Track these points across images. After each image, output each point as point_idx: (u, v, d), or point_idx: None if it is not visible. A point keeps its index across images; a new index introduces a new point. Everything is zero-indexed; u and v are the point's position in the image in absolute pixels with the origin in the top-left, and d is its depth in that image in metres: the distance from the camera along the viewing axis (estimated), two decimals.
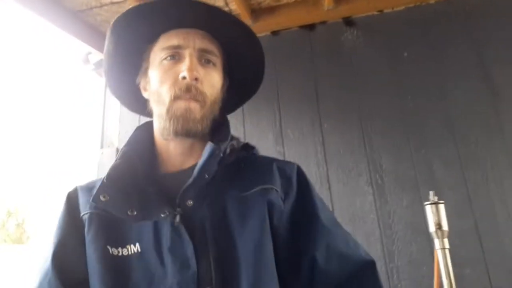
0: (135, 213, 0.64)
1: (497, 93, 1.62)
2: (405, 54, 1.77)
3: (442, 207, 1.19)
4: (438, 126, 1.65)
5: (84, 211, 0.70)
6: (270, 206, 0.67)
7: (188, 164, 0.72)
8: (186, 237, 0.62)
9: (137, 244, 0.65)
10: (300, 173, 0.75)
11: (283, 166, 0.74)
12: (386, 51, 1.79)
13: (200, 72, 0.68)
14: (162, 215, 0.63)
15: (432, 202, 1.20)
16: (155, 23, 0.71)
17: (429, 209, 1.20)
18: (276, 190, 0.69)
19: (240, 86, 0.82)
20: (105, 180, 0.64)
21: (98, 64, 2.26)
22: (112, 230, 0.67)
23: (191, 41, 0.70)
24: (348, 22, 1.86)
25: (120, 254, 0.65)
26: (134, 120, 2.03)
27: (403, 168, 1.63)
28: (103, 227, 0.67)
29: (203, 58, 0.71)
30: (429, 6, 1.81)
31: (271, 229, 0.66)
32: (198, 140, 0.72)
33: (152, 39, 0.73)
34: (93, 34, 2.00)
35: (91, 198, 0.64)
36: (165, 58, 0.70)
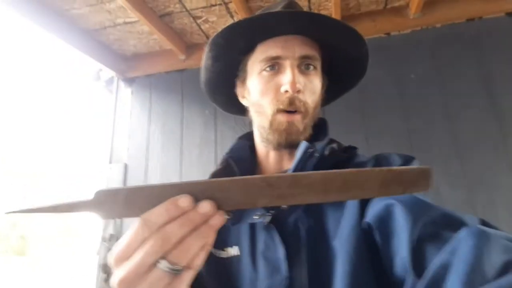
0: (231, 215, 0.65)
1: (503, 117, 1.63)
2: (412, 76, 1.79)
3: None
4: (444, 148, 1.65)
5: None
6: (364, 205, 0.60)
7: (284, 168, 0.73)
8: (277, 240, 0.61)
9: (236, 247, 0.66)
10: (408, 159, 0.67)
11: (385, 155, 0.68)
12: (392, 73, 1.81)
13: (302, 82, 0.67)
14: (254, 217, 0.64)
15: None
16: (250, 36, 0.70)
17: None
18: None
19: (338, 80, 0.80)
20: None
21: (109, 81, 2.30)
22: None
23: (290, 50, 0.67)
24: None
25: (220, 256, 0.66)
26: (143, 136, 2.06)
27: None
28: None
29: (303, 64, 0.69)
30: (435, 29, 1.83)
31: (364, 233, 0.59)
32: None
33: (249, 50, 0.72)
34: (105, 52, 2.04)
35: None
36: (265, 69, 0.69)
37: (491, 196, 1.55)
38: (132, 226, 0.36)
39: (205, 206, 0.36)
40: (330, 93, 0.79)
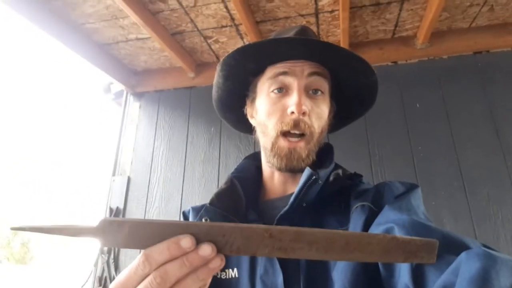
0: None
1: (508, 151, 1.62)
2: (417, 105, 1.79)
3: None
4: (449, 179, 1.64)
5: None
6: (367, 225, 0.59)
7: (289, 191, 0.72)
8: (277, 266, 0.61)
9: (235, 269, 0.66)
10: (411, 186, 0.65)
11: (387, 183, 0.67)
12: (398, 101, 1.82)
13: (308, 105, 0.67)
14: None
15: None
16: (262, 59, 0.71)
17: None
18: (369, 206, 0.62)
19: (347, 108, 0.80)
20: (208, 205, 0.68)
21: (118, 94, 2.34)
22: None
23: (299, 69, 0.68)
24: None
25: (219, 276, 0.66)
26: (148, 150, 2.07)
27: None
28: None
29: (311, 88, 0.69)
30: (442, 60, 1.85)
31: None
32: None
33: (259, 72, 0.74)
34: (116, 66, 2.09)
35: (196, 220, 0.69)
36: (273, 91, 0.69)
37: (496, 231, 1.52)
38: (135, 260, 0.37)
39: (206, 250, 0.36)
40: (338, 121, 0.79)
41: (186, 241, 0.35)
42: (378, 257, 0.37)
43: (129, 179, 2.04)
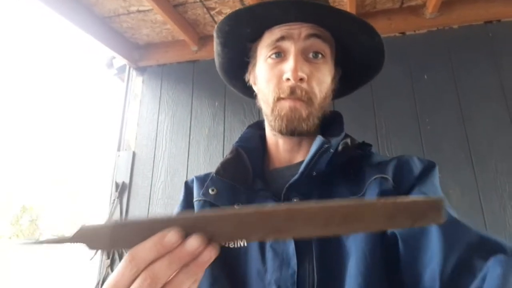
0: (240, 205, 0.65)
1: None
2: (425, 76, 1.76)
3: None
4: (456, 151, 1.62)
5: (197, 197, 0.73)
6: (383, 196, 0.59)
7: (296, 160, 0.71)
8: None
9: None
10: (429, 165, 0.64)
11: (406, 158, 0.65)
12: (406, 73, 1.78)
13: (306, 70, 0.64)
14: None
15: None
16: (256, 23, 0.69)
17: None
18: (386, 178, 0.61)
19: (354, 73, 0.77)
20: (214, 175, 0.68)
21: (121, 69, 2.31)
22: None
23: (296, 31, 0.65)
24: None
25: (227, 245, 0.65)
26: (152, 125, 2.07)
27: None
28: None
29: (311, 51, 0.65)
30: (452, 30, 1.80)
31: (382, 238, 0.57)
32: (308, 136, 0.69)
33: (256, 37, 0.71)
34: (118, 40, 2.05)
35: (201, 191, 0.68)
36: (270, 56, 0.67)
37: (502, 203, 1.52)
38: (122, 260, 0.35)
39: (193, 243, 0.34)
40: (344, 86, 0.76)
41: (171, 236, 0.34)
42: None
43: (134, 154, 2.04)
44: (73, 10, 1.75)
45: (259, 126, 0.80)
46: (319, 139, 0.63)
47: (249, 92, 0.82)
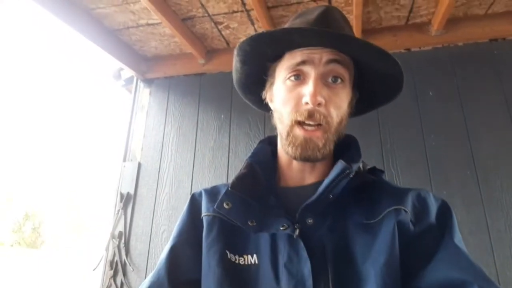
0: (254, 223, 0.64)
1: None
2: (430, 93, 1.76)
3: None
4: (461, 168, 1.62)
5: (206, 212, 0.72)
6: (400, 228, 0.60)
7: (309, 180, 0.71)
8: (304, 254, 0.60)
9: (255, 256, 0.64)
10: (445, 206, 0.66)
11: (423, 194, 0.67)
12: (411, 89, 1.79)
13: (325, 94, 0.64)
14: (281, 228, 0.62)
15: None
16: (279, 46, 0.69)
17: None
18: (405, 211, 0.62)
19: (371, 95, 0.78)
20: (229, 188, 0.66)
21: (128, 81, 2.34)
22: (231, 236, 0.67)
23: (317, 56, 0.65)
24: None
25: (237, 262, 0.65)
26: (159, 136, 2.08)
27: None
28: (224, 231, 0.68)
29: (330, 76, 0.65)
30: (457, 47, 1.81)
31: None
32: (322, 159, 0.69)
33: (277, 58, 0.71)
34: (126, 52, 2.09)
35: (216, 204, 0.67)
36: (289, 78, 0.67)
37: (508, 221, 1.51)
38: None
39: None
40: (360, 107, 0.76)
41: None
42: None
43: (139, 165, 2.06)
44: (84, 22, 1.78)
45: (270, 141, 0.80)
46: (341, 164, 0.63)
47: (264, 106, 0.83)
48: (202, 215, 0.72)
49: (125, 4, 1.73)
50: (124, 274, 1.85)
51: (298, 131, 0.64)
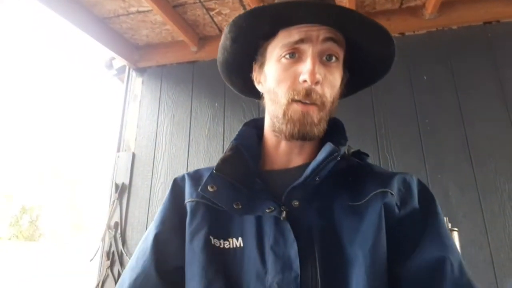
0: (240, 206, 0.63)
1: None
2: (425, 77, 1.76)
3: (456, 235, 1.17)
4: (456, 152, 1.63)
5: (189, 198, 0.70)
6: (387, 210, 0.61)
7: (295, 163, 0.70)
8: (291, 236, 0.59)
9: (240, 239, 0.64)
10: (423, 186, 0.68)
11: (408, 179, 0.68)
12: (405, 73, 1.78)
13: (322, 73, 0.63)
14: (267, 210, 0.62)
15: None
16: (274, 22, 0.66)
17: None
18: (392, 194, 0.63)
19: (359, 75, 0.76)
20: (214, 171, 0.65)
21: (120, 70, 2.31)
22: (215, 221, 0.66)
23: (314, 34, 0.63)
24: None
25: (222, 246, 0.64)
26: (152, 126, 2.07)
27: None
28: (207, 217, 0.67)
29: (325, 54, 0.64)
30: (451, 31, 1.80)
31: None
32: (310, 140, 0.69)
33: (270, 36, 0.69)
34: (117, 41, 2.05)
35: (200, 187, 0.65)
36: (284, 56, 0.65)
37: (502, 204, 1.52)
38: None
39: None
40: (347, 88, 0.75)
41: None
42: None
43: (134, 155, 2.04)
44: (73, 10, 1.75)
45: (255, 124, 0.78)
46: (329, 146, 0.63)
47: (247, 91, 0.81)
48: (185, 201, 0.71)
49: None
50: (121, 264, 1.85)
51: (296, 106, 0.63)
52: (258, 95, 0.77)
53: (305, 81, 0.62)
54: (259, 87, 0.74)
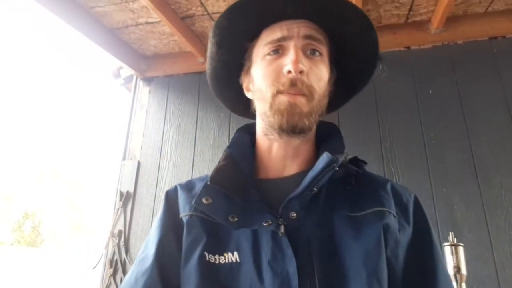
0: (236, 219, 0.60)
1: None
2: (430, 91, 1.76)
3: (461, 249, 1.16)
4: (461, 166, 1.62)
5: (184, 212, 0.67)
6: (387, 231, 0.60)
7: (291, 170, 0.67)
8: (289, 251, 0.57)
9: (235, 253, 0.60)
10: (418, 206, 0.67)
11: (399, 191, 0.67)
12: (411, 87, 1.79)
13: (306, 64, 0.61)
14: (264, 224, 0.59)
15: (451, 244, 1.17)
16: (255, 18, 0.65)
17: (448, 251, 1.17)
18: (394, 216, 0.62)
19: (347, 80, 0.73)
20: (208, 182, 0.62)
21: (128, 79, 2.34)
22: (210, 235, 0.63)
23: (295, 30, 0.63)
24: None
25: (217, 262, 0.61)
26: (158, 135, 2.08)
27: (423, 205, 1.59)
28: (202, 232, 0.64)
29: (308, 49, 0.63)
30: (457, 46, 1.81)
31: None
32: (304, 142, 0.67)
33: (254, 37, 0.68)
34: (125, 51, 2.08)
35: (194, 200, 0.61)
36: (268, 53, 0.64)
37: (508, 218, 1.51)
38: None
39: None
40: (340, 95, 0.73)
41: None
42: None
43: (139, 164, 2.06)
44: (83, 20, 1.78)
45: (248, 130, 0.75)
46: (327, 157, 0.60)
47: (239, 106, 0.79)
48: (180, 215, 0.68)
49: (124, 3, 1.72)
50: (124, 272, 1.85)
51: (282, 97, 0.61)
52: (249, 112, 0.74)
53: (289, 71, 0.60)
54: (249, 95, 0.72)
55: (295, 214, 0.60)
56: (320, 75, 0.64)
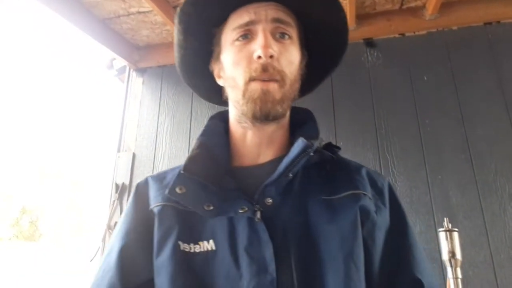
0: (211, 207, 0.59)
1: None
2: (425, 78, 1.76)
3: (456, 235, 1.16)
4: (456, 152, 1.62)
5: (155, 203, 0.66)
6: (363, 213, 0.61)
7: (266, 157, 0.67)
8: (265, 237, 0.57)
9: (211, 241, 0.60)
10: (393, 190, 0.68)
11: (374, 176, 0.68)
12: (405, 74, 1.78)
13: (276, 48, 0.61)
14: (240, 211, 0.59)
15: (446, 229, 1.17)
16: (222, 2, 0.64)
17: (443, 236, 1.17)
18: (370, 198, 0.63)
19: (319, 62, 0.73)
20: (182, 171, 0.60)
21: (121, 70, 2.32)
22: (184, 224, 0.62)
23: (262, 13, 0.62)
24: (369, 43, 1.86)
25: (192, 250, 0.60)
26: (152, 126, 2.07)
27: (419, 192, 1.60)
28: (176, 221, 0.63)
29: (277, 32, 0.63)
30: (451, 32, 1.80)
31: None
32: (279, 129, 0.67)
33: (221, 22, 0.66)
34: (118, 41, 2.06)
35: (167, 190, 0.60)
36: (237, 39, 0.63)
37: (502, 205, 1.52)
38: None
39: None
40: (313, 76, 0.73)
41: None
42: None
43: (134, 155, 2.04)
44: (73, 11, 1.75)
45: (222, 117, 0.74)
46: (302, 142, 0.60)
47: (213, 95, 0.77)
48: (151, 206, 0.66)
49: None
50: None
51: (254, 85, 0.60)
52: (226, 103, 0.73)
53: (259, 57, 0.59)
54: (220, 82, 0.71)
55: (271, 200, 0.60)
56: (290, 59, 0.63)
